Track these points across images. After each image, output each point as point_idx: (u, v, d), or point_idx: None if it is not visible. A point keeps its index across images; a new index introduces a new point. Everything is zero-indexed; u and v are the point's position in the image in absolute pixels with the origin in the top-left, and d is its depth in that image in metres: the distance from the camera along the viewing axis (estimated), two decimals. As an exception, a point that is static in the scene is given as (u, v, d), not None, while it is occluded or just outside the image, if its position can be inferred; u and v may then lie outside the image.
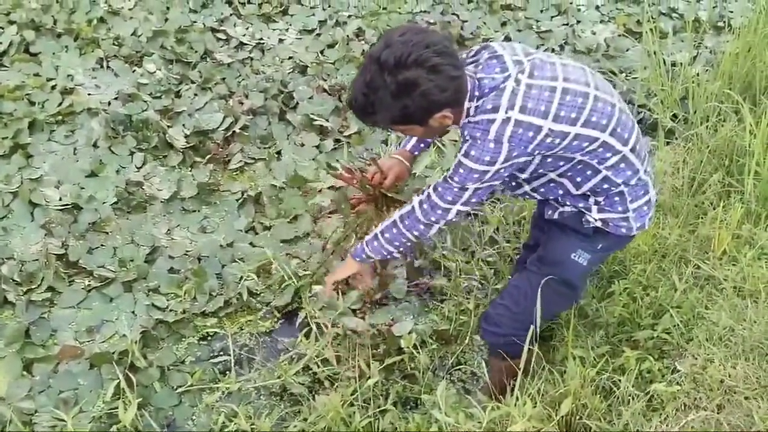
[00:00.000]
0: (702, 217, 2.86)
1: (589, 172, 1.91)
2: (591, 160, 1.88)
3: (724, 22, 4.53)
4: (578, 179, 1.94)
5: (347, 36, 4.33)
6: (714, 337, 2.29)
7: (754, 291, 2.40)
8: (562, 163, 1.90)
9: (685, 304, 2.42)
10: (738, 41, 3.72)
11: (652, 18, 4.44)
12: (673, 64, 3.93)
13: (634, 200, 1.98)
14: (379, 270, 2.60)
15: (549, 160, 1.88)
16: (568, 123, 1.79)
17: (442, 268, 2.90)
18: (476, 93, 1.82)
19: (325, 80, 3.96)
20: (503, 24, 4.56)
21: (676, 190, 3.00)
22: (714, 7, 4.79)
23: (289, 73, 4.02)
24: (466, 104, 1.84)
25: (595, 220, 1.97)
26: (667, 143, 3.34)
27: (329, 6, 4.60)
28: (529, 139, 1.78)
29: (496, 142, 1.77)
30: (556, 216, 2.05)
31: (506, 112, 1.77)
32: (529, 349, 2.05)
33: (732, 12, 4.73)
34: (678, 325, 2.35)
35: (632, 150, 1.92)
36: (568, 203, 2.02)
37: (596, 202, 1.97)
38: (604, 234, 2.01)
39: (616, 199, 1.96)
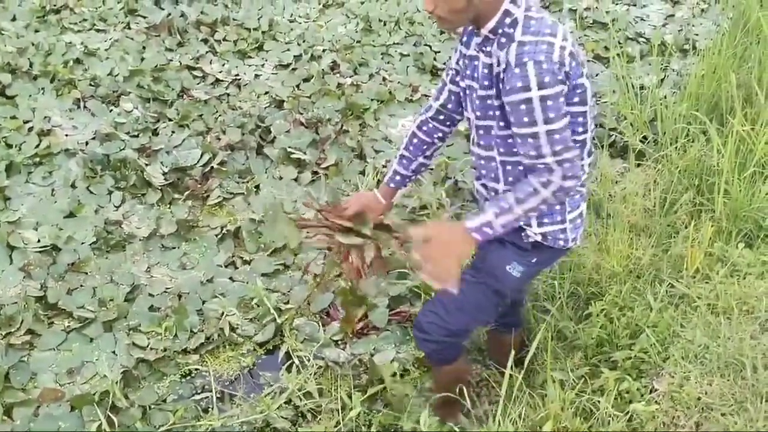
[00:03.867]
0: (674, 236, 2.91)
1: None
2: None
3: (690, 44, 4.64)
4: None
5: (322, 70, 4.40)
6: (690, 355, 2.32)
7: (726, 308, 2.44)
8: None
9: (661, 323, 2.46)
10: (703, 63, 3.82)
11: (620, 43, 4.55)
12: (642, 87, 4.02)
13: (572, 210, 2.00)
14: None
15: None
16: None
17: (422, 294, 2.92)
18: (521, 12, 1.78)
19: (302, 114, 4.01)
20: (475, 53, 4.64)
21: (648, 211, 3.05)
22: (680, 31, 4.92)
23: (265, 107, 4.07)
24: (507, 5, 1.78)
25: (535, 234, 1.98)
26: (638, 165, 3.41)
27: (304, 41, 4.68)
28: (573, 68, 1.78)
29: (561, 64, 1.74)
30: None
31: (562, 40, 1.75)
32: (510, 375, 2.07)
33: (697, 35, 4.86)
34: (654, 344, 2.38)
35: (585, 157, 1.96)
36: None
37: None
38: (541, 248, 2.03)
39: (557, 207, 1.99)
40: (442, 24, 1.90)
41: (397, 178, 2.23)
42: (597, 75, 4.42)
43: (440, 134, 2.18)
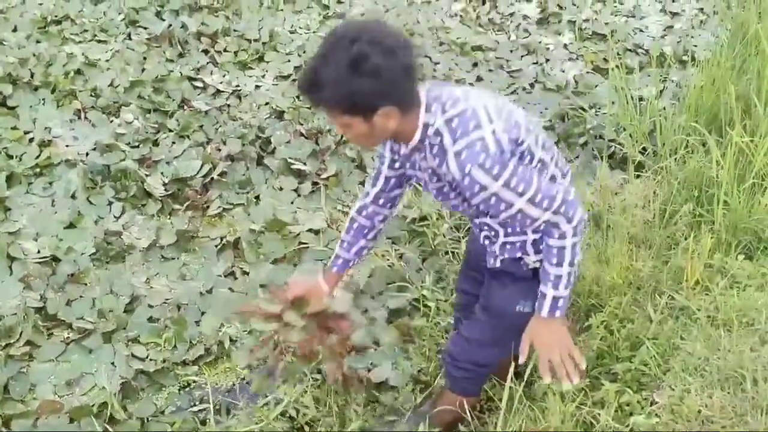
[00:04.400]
0: (674, 248, 2.91)
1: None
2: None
3: (689, 55, 4.66)
4: None
5: (323, 80, 4.39)
6: (690, 367, 2.32)
7: (726, 320, 2.44)
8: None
9: (661, 335, 2.45)
10: (702, 74, 3.83)
11: (619, 55, 4.56)
12: (641, 99, 4.03)
13: (581, 238, 2.01)
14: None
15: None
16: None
17: (422, 307, 2.92)
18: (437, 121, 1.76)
19: (302, 124, 4.01)
20: (474, 65, 4.67)
21: (648, 223, 3.05)
22: (678, 42, 4.94)
23: (266, 118, 4.08)
24: (423, 118, 1.76)
25: (533, 261, 1.99)
26: (638, 176, 3.41)
27: (304, 52, 4.69)
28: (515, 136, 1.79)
29: (501, 150, 1.72)
30: (498, 265, 2.04)
31: (489, 124, 1.74)
32: (510, 387, 2.07)
33: (696, 46, 4.87)
34: (655, 356, 2.37)
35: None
36: (508, 241, 2.01)
37: (533, 242, 1.97)
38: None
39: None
40: (359, 146, 1.91)
41: (339, 262, 2.18)
42: (596, 86, 4.43)
43: (381, 217, 2.15)
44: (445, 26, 5.06)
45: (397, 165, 2.03)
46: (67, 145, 3.74)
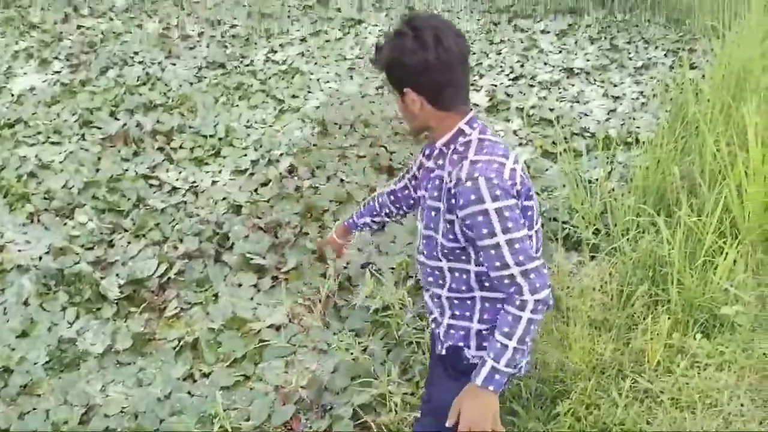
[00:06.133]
0: (633, 329, 2.95)
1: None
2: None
3: (633, 137, 4.85)
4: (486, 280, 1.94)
5: (280, 173, 4.45)
6: (658, 452, 2.31)
7: (690, 402, 2.45)
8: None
9: (628, 420, 2.45)
10: (647, 156, 3.98)
11: (566, 139, 4.73)
12: (590, 181, 4.15)
13: (538, 321, 2.01)
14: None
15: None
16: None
17: (388, 402, 2.87)
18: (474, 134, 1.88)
19: (260, 218, 4.02)
20: (429, 152, 4.77)
21: (606, 305, 3.09)
22: (622, 124, 5.15)
23: (223, 213, 4.08)
24: (461, 126, 1.88)
25: (473, 357, 1.98)
26: (592, 257, 3.48)
27: (261, 146, 4.75)
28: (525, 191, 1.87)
29: (512, 183, 1.81)
30: (443, 352, 2.04)
31: (514, 163, 1.84)
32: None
33: (639, 127, 5.09)
34: (623, 442, 2.37)
35: None
36: (453, 324, 2.01)
37: (477, 333, 1.98)
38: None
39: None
40: (408, 127, 2.06)
41: (350, 220, 2.51)
42: (547, 170, 4.56)
43: (387, 210, 2.39)
44: (398, 116, 5.19)
45: (414, 184, 2.23)
46: (19, 250, 3.67)
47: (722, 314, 2.89)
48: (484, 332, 1.96)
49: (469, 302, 1.98)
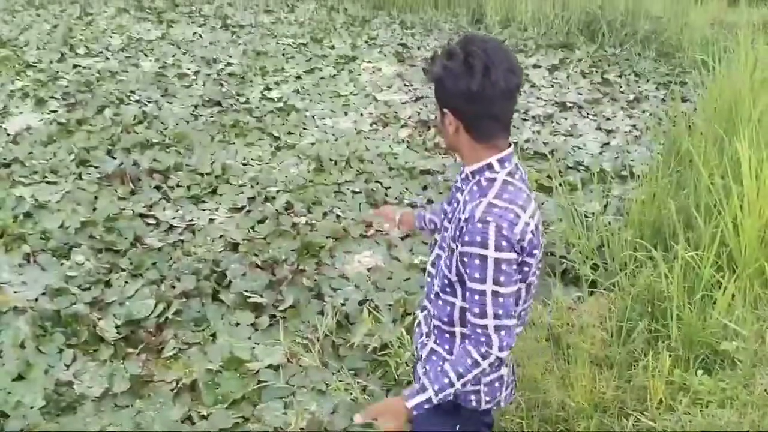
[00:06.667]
0: (634, 366, 2.93)
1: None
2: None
3: (627, 170, 4.88)
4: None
5: (277, 210, 4.45)
6: (664, 492, 2.28)
7: (694, 440, 2.44)
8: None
9: (632, 459, 2.43)
10: (642, 189, 4.00)
11: (561, 173, 4.76)
12: (586, 215, 4.16)
13: (490, 373, 1.97)
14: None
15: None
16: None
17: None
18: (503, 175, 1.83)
19: (257, 255, 4.01)
20: (424, 188, 4.79)
21: (606, 341, 3.08)
22: (616, 158, 5.19)
23: (220, 251, 4.07)
24: (492, 160, 1.83)
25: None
26: (591, 293, 3.47)
27: (257, 183, 4.76)
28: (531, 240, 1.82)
29: (520, 239, 1.77)
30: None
31: (529, 217, 1.80)
32: None
33: (633, 161, 5.12)
34: (628, 483, 2.34)
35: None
36: (438, 350, 1.99)
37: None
38: (458, 411, 2.01)
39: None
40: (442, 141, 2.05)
41: (422, 213, 2.38)
42: (543, 204, 4.58)
43: (433, 226, 2.31)
44: (393, 152, 5.23)
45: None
46: (15, 291, 3.64)
47: (723, 350, 2.88)
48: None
49: (447, 336, 1.97)
